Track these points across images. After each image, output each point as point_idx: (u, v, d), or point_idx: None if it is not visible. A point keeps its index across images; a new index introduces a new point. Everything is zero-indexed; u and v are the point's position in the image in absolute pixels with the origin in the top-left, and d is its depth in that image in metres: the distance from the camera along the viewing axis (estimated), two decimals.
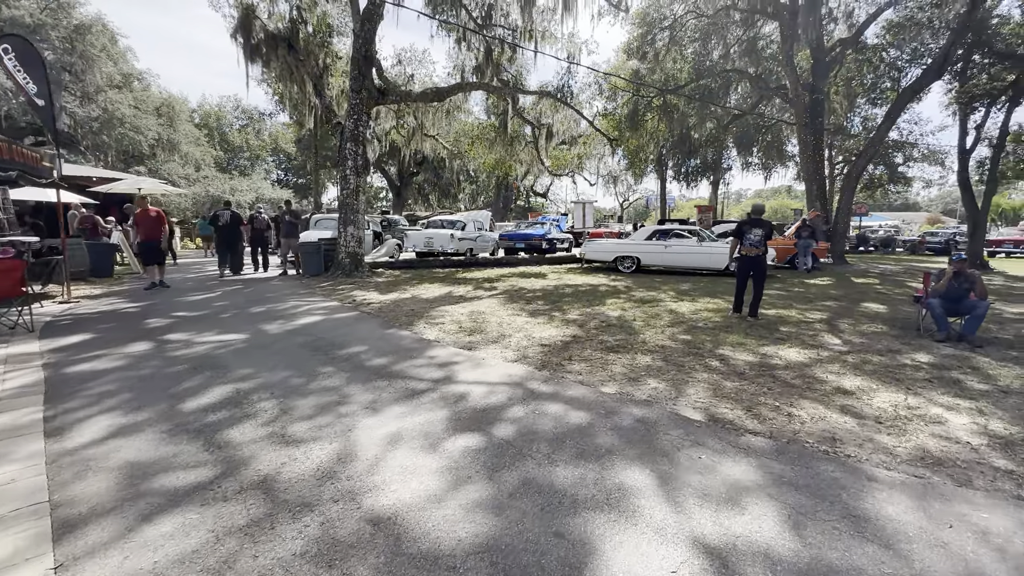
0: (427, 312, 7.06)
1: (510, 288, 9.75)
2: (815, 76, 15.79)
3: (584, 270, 13.53)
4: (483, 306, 7.63)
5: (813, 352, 5.10)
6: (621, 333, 5.83)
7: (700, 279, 11.56)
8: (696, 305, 7.85)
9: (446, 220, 15.83)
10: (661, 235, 13.31)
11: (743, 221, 6.80)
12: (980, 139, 15.45)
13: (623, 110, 18.33)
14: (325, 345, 5.06)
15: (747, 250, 6.71)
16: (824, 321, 6.77)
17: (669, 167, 23.08)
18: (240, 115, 49.73)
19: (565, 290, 9.51)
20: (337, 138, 12.07)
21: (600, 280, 11.25)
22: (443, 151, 21.17)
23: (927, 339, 5.81)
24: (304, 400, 3.45)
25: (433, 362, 4.48)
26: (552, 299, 8.34)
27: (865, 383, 4.11)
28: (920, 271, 14.84)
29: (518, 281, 10.88)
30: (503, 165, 21.40)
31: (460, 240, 14.76)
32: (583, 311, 7.25)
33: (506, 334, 5.73)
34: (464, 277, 11.62)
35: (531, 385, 3.86)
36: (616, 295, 8.87)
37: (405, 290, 9.35)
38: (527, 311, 7.24)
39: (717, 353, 5.00)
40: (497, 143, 19.27)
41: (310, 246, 11.33)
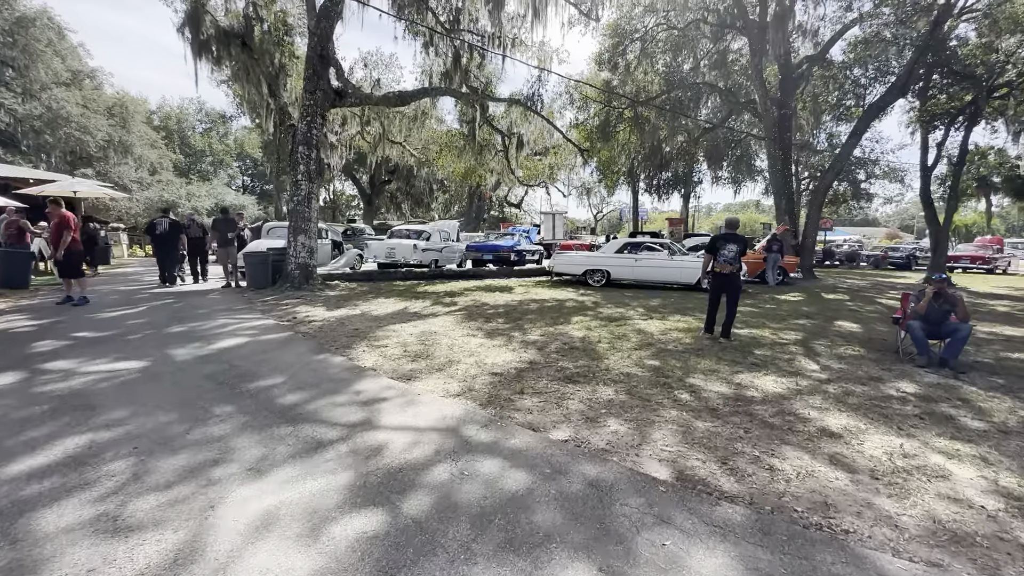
0: (372, 332, 6.34)
1: (471, 304, 9.10)
2: (783, 92, 15.84)
3: (553, 284, 13.00)
4: (437, 325, 6.96)
5: (791, 381, 4.62)
6: (583, 358, 5.25)
7: (670, 294, 11.16)
8: (666, 324, 7.37)
9: (410, 230, 15.11)
10: (632, 248, 12.92)
11: (717, 236, 6.36)
12: (940, 157, 15.71)
13: (595, 121, 18.08)
14: (235, 376, 4.30)
15: (720, 267, 6.25)
16: (799, 343, 6.36)
17: (641, 179, 22.99)
18: (203, 118, 47.94)
19: (530, 306, 8.92)
20: (290, 141, 11.31)
21: (568, 295, 10.72)
22: (411, 159, 20.47)
23: (907, 364, 5.42)
24: (171, 459, 2.71)
25: (358, 399, 3.79)
26: (514, 317, 7.73)
27: (852, 421, 3.62)
28: (887, 287, 14.89)
29: (482, 296, 10.25)
30: (473, 174, 20.83)
31: (424, 251, 14.06)
32: (545, 331, 6.65)
33: (455, 360, 5.08)
34: (425, 291, 10.92)
35: (468, 431, 3.21)
36: (583, 312, 8.32)
37: (356, 306, 8.59)
38: (484, 331, 6.60)
39: (687, 383, 4.46)
40: (466, 151, 18.69)
41: (256, 257, 10.45)
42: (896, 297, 11.90)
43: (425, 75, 19.15)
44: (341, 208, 65.66)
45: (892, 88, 13.18)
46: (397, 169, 41.79)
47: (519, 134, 18.72)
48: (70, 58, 28.46)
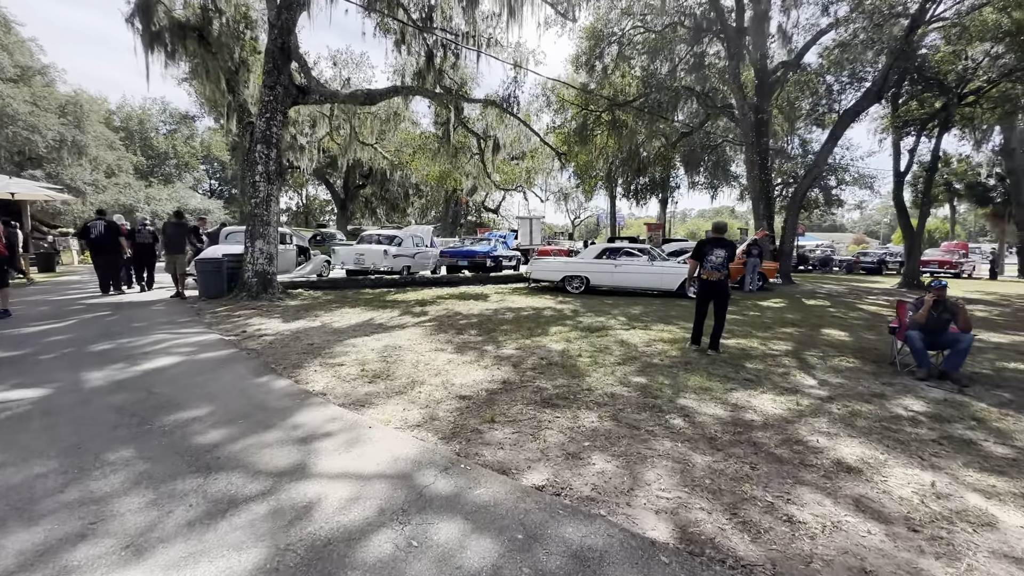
0: (329, 348, 5.69)
1: (443, 313, 8.50)
2: (759, 97, 15.79)
3: (530, 291, 12.50)
4: (404, 338, 6.35)
5: (791, 399, 4.19)
6: (563, 376, 4.72)
7: (652, 301, 10.78)
8: (650, 334, 6.92)
9: (381, 235, 14.42)
10: (611, 254, 12.53)
11: (703, 241, 5.94)
12: (913, 162, 15.87)
13: (572, 124, 17.75)
14: (151, 407, 3.62)
15: (707, 273, 5.83)
16: (791, 354, 5.98)
17: (619, 184, 22.80)
18: (167, 119, 46.07)
19: (505, 316, 8.38)
20: (246, 140, 10.56)
21: (546, 302, 10.22)
22: (383, 161, 19.77)
23: (906, 376, 5.08)
24: (23, 533, 2.06)
25: (295, 435, 3.17)
26: (488, 328, 7.17)
27: (867, 450, 3.18)
28: (863, 291, 14.88)
29: (455, 304, 9.66)
30: (448, 178, 20.26)
31: (395, 257, 13.39)
32: (521, 344, 6.12)
33: (419, 380, 4.49)
34: (395, 299, 10.27)
35: (424, 478, 2.63)
36: (562, 322, 7.82)
37: (316, 317, 7.90)
38: (454, 345, 6.02)
39: (679, 405, 3.98)
40: (441, 154, 18.12)
41: (209, 264, 9.63)
42: (876, 303, 11.80)
43: (397, 75, 18.55)
44: (314, 213, 64.20)
45: (868, 93, 13.21)
46: (371, 173, 40.89)
47: (495, 137, 18.25)
48: (18, 53, 26.78)
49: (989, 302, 12.74)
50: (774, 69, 16.39)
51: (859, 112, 13.82)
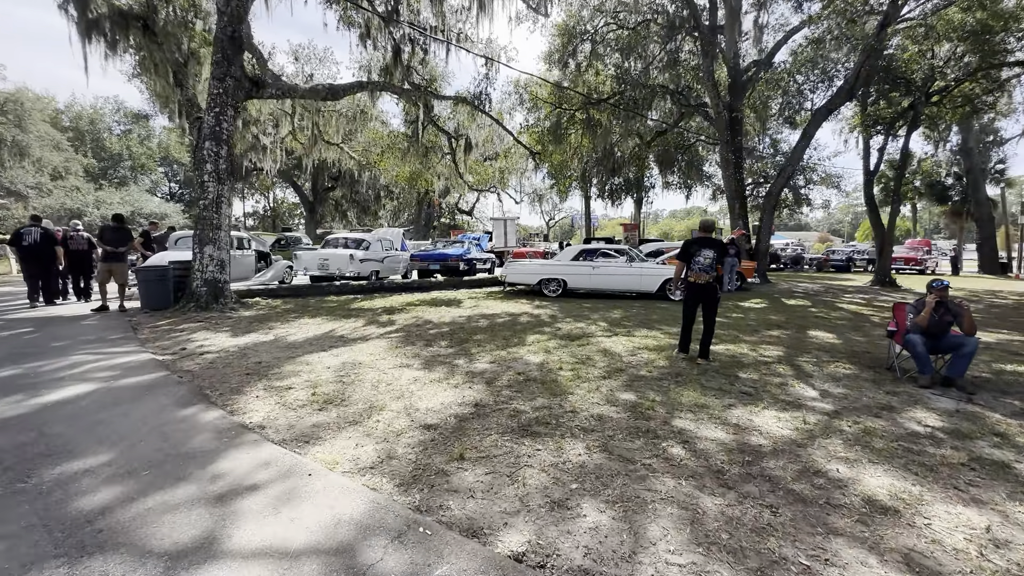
0: (279, 367, 5.02)
1: (412, 322, 7.88)
2: (732, 95, 15.69)
3: (505, 295, 11.96)
4: (366, 353, 5.71)
5: (796, 416, 3.76)
6: (543, 394, 4.20)
7: (631, 304, 10.38)
8: (633, 342, 6.47)
9: (347, 238, 13.65)
10: (589, 255, 12.11)
11: (689, 241, 5.51)
12: (881, 161, 16.03)
13: (546, 123, 17.33)
14: (35, 455, 2.92)
15: (695, 276, 5.40)
16: (784, 360, 5.60)
17: (593, 184, 22.53)
18: (121, 119, 43.75)
19: (479, 324, 7.81)
20: (194, 136, 9.69)
21: (522, 307, 9.70)
22: (350, 162, 18.94)
23: (908, 383, 4.75)
24: None
25: (212, 490, 2.54)
26: (460, 338, 6.60)
27: (896, 481, 2.76)
28: (838, 289, 14.89)
29: (425, 311, 9.04)
30: (419, 179, 19.57)
31: (362, 262, 12.65)
32: (496, 356, 5.57)
33: (378, 405, 3.89)
34: (360, 308, 9.58)
35: (370, 552, 2.05)
36: (539, 329, 7.31)
37: (271, 329, 7.17)
38: (422, 359, 5.43)
39: (675, 427, 3.50)
40: (410, 154, 17.43)
41: (151, 272, 8.75)
42: (854, 301, 11.71)
43: (363, 71, 17.83)
44: (282, 217, 62.30)
45: (840, 91, 13.20)
46: (341, 175, 39.75)
47: (467, 136, 17.68)
48: None
49: (966, 299, 12.84)
50: (746, 68, 16.34)
51: (832, 110, 13.83)
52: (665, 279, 11.14)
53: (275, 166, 21.76)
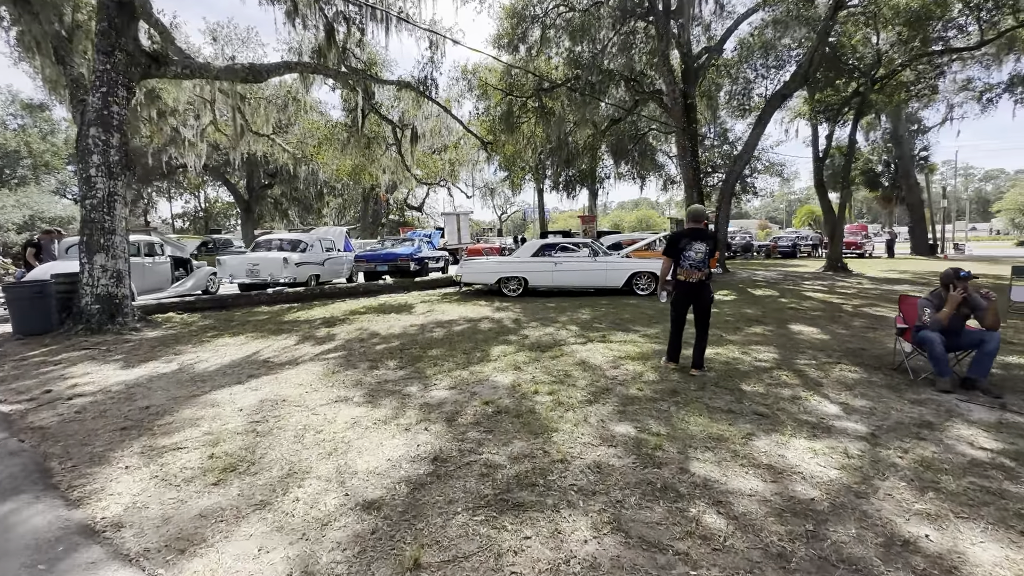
0: (171, 414, 3.84)
1: (355, 336, 6.76)
2: (686, 82, 15.36)
3: (461, 296, 10.98)
4: (293, 383, 4.60)
5: (831, 446, 3.06)
6: (521, 434, 3.30)
7: (598, 301, 9.68)
8: (612, 349, 5.69)
9: (282, 240, 12.18)
10: (550, 250, 11.34)
11: (678, 233, 4.75)
12: (830, 148, 16.23)
13: (497, 111, 16.38)
14: None
15: (686, 273, 4.65)
16: (782, 365, 4.99)
17: (548, 176, 21.81)
18: (17, 111, 38.77)
19: (434, 333, 6.81)
20: (77, 121, 8.02)
21: (481, 310, 8.77)
22: (283, 155, 17.20)
23: (926, 387, 4.21)
24: None
25: None
26: (412, 355, 5.58)
27: (1002, 548, 2.06)
28: (796, 276, 14.93)
29: (372, 321, 7.92)
30: (363, 172, 18.11)
31: (299, 265, 11.26)
32: (457, 378, 4.61)
33: (300, 470, 2.85)
34: (295, 319, 8.32)
35: None
36: (504, 338, 6.40)
37: (178, 354, 5.86)
38: (365, 388, 4.39)
39: (696, 477, 2.70)
40: (351, 145, 15.96)
41: (23, 290, 7.12)
42: (815, 288, 11.58)
43: (293, 53, 16.15)
44: (216, 218, 57.99)
45: (795, 75, 13.07)
46: (279, 171, 37.05)
47: (412, 125, 16.45)
48: None
49: (913, 281, 13.10)
50: (698, 54, 16.04)
51: (786, 96, 13.73)
52: (632, 273, 10.53)
53: (199, 161, 19.62)
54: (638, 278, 10.58)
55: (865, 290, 11.30)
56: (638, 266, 10.64)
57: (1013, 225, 47.61)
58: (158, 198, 54.92)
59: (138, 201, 49.54)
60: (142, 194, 49.50)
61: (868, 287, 11.90)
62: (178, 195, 54.82)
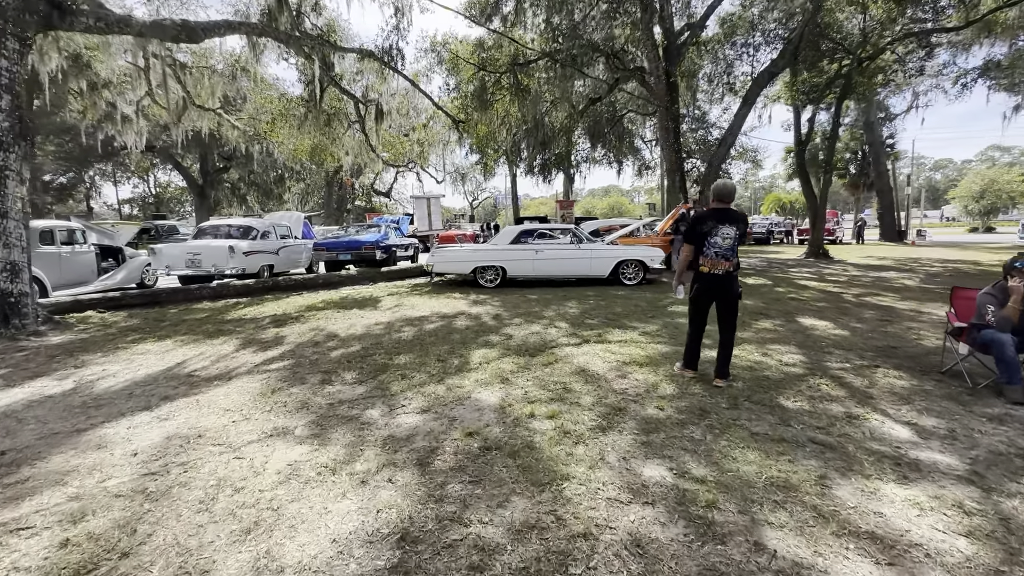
0: (35, 462, 2.78)
1: (310, 338, 5.72)
2: (667, 60, 14.57)
3: (433, 288, 9.98)
4: (218, 407, 3.58)
5: (937, 495, 2.31)
6: (521, 485, 2.41)
7: (584, 291, 8.86)
8: (612, 352, 4.86)
9: (230, 226, 10.83)
10: (529, 237, 10.45)
11: (701, 215, 3.90)
12: (812, 131, 15.84)
13: (468, 87, 15.21)
14: None
15: (710, 263, 3.82)
16: (816, 370, 4.26)
17: (523, 159, 20.80)
18: None
19: (403, 333, 5.83)
20: None
21: (457, 304, 7.82)
22: (232, 131, 15.59)
23: (991, 396, 3.55)
24: None
25: None
26: (376, 363, 4.61)
27: None
28: (778, 263, 14.54)
29: (331, 318, 6.87)
30: (323, 153, 16.69)
31: (248, 255, 9.98)
32: (431, 396, 3.69)
33: (196, 569, 1.89)
34: (240, 318, 7.17)
35: None
36: (485, 338, 5.49)
37: (78, 367, 4.71)
38: (313, 413, 3.41)
39: (775, 555, 1.88)
40: (308, 122, 14.55)
41: None
42: (803, 275, 11.11)
43: (240, 17, 14.51)
44: (168, 204, 54.52)
45: (784, 52, 12.46)
46: (235, 154, 34.66)
47: (377, 102, 15.14)
48: None
49: (897, 268, 12.84)
50: (680, 31, 15.26)
51: (775, 74, 13.15)
52: (619, 261, 9.76)
53: (140, 140, 17.71)
54: (625, 267, 9.83)
55: (856, 277, 10.90)
56: (625, 254, 9.88)
57: (966, 212, 49.53)
58: (102, 182, 51.13)
59: (78, 185, 45.93)
60: (83, 177, 45.89)
61: (856, 274, 11.52)
62: (125, 179, 51.18)
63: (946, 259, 14.92)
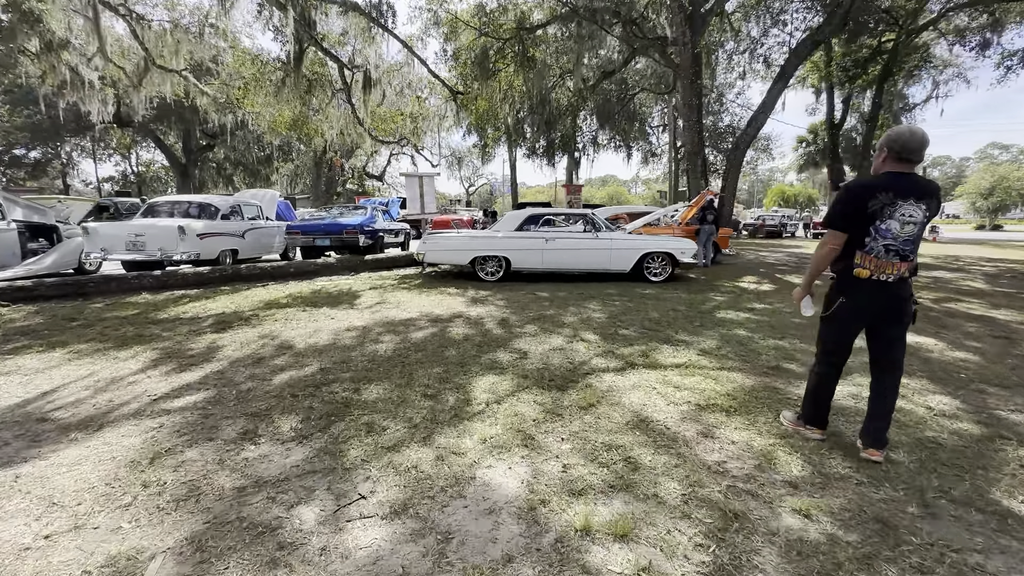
0: None
1: (253, 350, 4.21)
2: (692, 30, 12.99)
3: (424, 280, 8.48)
4: (41, 496, 2.07)
5: None
6: None
7: (603, 290, 7.38)
8: (672, 383, 3.39)
9: (190, 202, 9.21)
10: (537, 223, 8.98)
11: (866, 184, 2.39)
12: (848, 112, 14.37)
13: (469, 54, 13.54)
14: None
15: (875, 265, 2.31)
16: (1005, 429, 2.83)
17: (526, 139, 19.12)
18: None
19: (380, 345, 4.33)
20: None
21: (452, 302, 6.32)
22: (201, 97, 13.85)
23: None
24: None
25: None
26: (334, 397, 3.11)
27: None
28: (800, 255, 13.14)
29: (291, 320, 5.35)
30: (305, 126, 14.98)
31: (203, 237, 8.39)
32: (411, 474, 2.19)
33: None
34: (176, 316, 5.63)
35: None
36: (491, 355, 4.00)
37: None
38: (202, 517, 1.92)
39: None
40: (287, 88, 12.84)
41: None
42: None
43: None
44: (150, 184, 52.27)
45: (831, 19, 10.88)
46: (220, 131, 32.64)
47: (365, 68, 13.47)
48: None
49: (948, 267, 11.46)
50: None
51: (819, 42, 11.58)
52: (644, 254, 8.29)
53: (105, 109, 15.90)
54: (650, 260, 8.36)
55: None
56: (650, 245, 8.40)
57: (973, 209, 48.43)
58: (80, 159, 48.92)
59: (53, 160, 43.67)
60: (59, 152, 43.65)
61: None
62: (106, 156, 48.94)
63: (987, 257, 13.60)
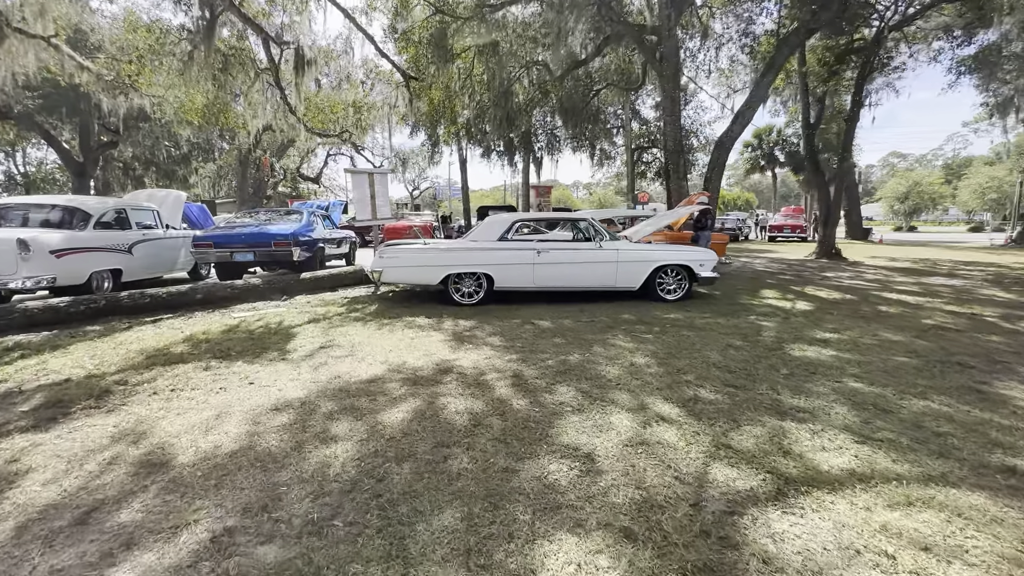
0: None
1: (96, 470, 2.14)
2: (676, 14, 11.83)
3: (381, 304, 6.51)
4: None
5: None
6: None
7: (617, 313, 5.76)
8: (883, 517, 1.76)
9: (41, 205, 6.70)
10: (523, 230, 7.28)
11: None
12: (823, 112, 13.81)
13: (423, 32, 11.59)
14: None
15: None
16: None
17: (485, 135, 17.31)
18: None
19: (332, 445, 2.39)
20: None
21: (428, 343, 4.43)
22: (79, 72, 10.95)
23: None
24: None
25: None
26: None
27: None
28: (798, 265, 12.32)
29: (182, 392, 3.27)
30: (221, 112, 12.40)
31: (60, 255, 5.96)
32: None
33: None
34: None
35: None
36: (530, 465, 2.18)
37: None
38: None
39: None
40: (196, 65, 10.32)
41: None
42: (869, 283, 8.72)
43: None
44: (40, 186, 45.51)
45: (829, 3, 10.00)
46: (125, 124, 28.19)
47: (298, 44, 11.22)
48: None
49: (937, 272, 10.91)
50: None
51: (814, 31, 10.75)
52: (657, 267, 6.79)
53: None
54: (663, 274, 6.88)
55: (929, 287, 8.66)
56: (665, 256, 6.93)
57: (891, 211, 52.22)
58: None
59: None
60: None
61: (927, 282, 9.33)
62: None
63: (961, 260, 13.48)
